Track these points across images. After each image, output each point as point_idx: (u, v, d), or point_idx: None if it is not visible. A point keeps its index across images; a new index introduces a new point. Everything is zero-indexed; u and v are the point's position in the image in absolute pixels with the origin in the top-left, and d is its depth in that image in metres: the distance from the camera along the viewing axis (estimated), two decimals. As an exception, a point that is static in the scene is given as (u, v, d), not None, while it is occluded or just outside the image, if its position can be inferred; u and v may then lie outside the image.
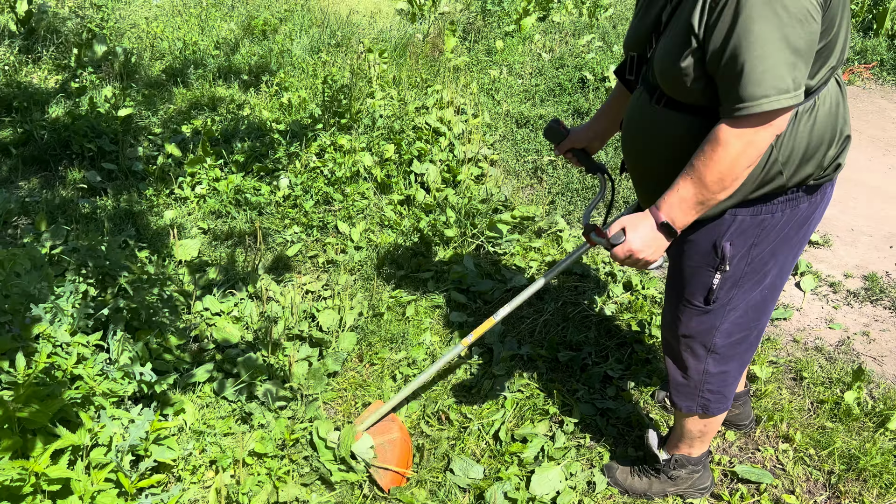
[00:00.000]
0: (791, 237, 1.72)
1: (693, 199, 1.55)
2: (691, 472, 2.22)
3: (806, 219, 1.71)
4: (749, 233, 1.68)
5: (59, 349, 1.86)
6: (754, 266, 1.74)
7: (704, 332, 1.86)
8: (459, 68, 5.46)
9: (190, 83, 5.16)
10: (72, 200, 3.77)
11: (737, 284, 1.76)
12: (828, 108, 1.57)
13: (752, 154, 1.47)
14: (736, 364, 1.94)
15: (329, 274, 3.38)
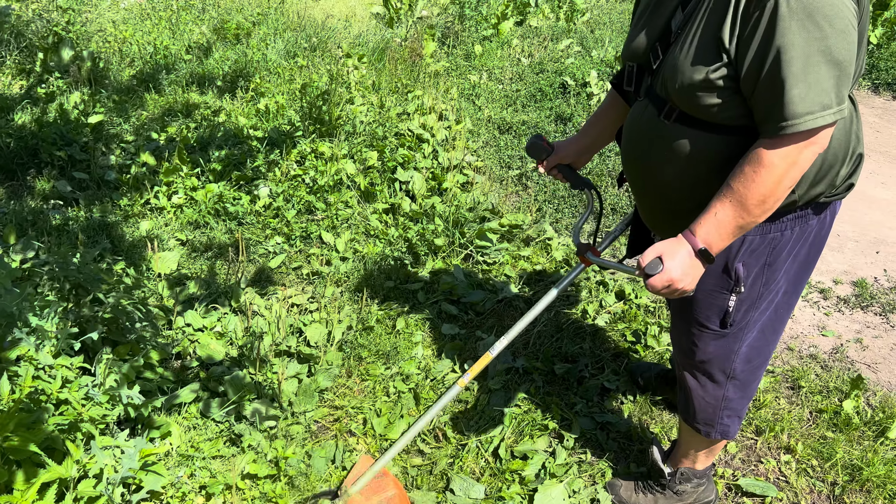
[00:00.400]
0: (800, 254, 1.68)
1: (733, 223, 1.47)
2: (696, 486, 2.18)
3: (816, 236, 1.68)
4: (760, 252, 1.64)
5: (41, 372, 1.74)
6: (769, 286, 1.69)
7: (723, 357, 1.81)
8: (439, 73, 5.40)
9: (162, 89, 5.01)
10: (41, 211, 3.61)
11: (753, 306, 1.72)
12: (842, 126, 1.52)
13: (795, 174, 1.40)
14: (754, 387, 1.91)
15: (314, 286, 3.28)
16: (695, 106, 1.48)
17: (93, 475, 1.68)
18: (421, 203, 3.75)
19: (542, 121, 4.74)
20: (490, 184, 4.07)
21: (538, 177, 4.18)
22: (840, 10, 1.30)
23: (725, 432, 1.95)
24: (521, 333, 2.90)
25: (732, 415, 1.92)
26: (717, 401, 1.89)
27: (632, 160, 1.74)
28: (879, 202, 3.98)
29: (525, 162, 4.32)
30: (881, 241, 3.61)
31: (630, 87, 1.73)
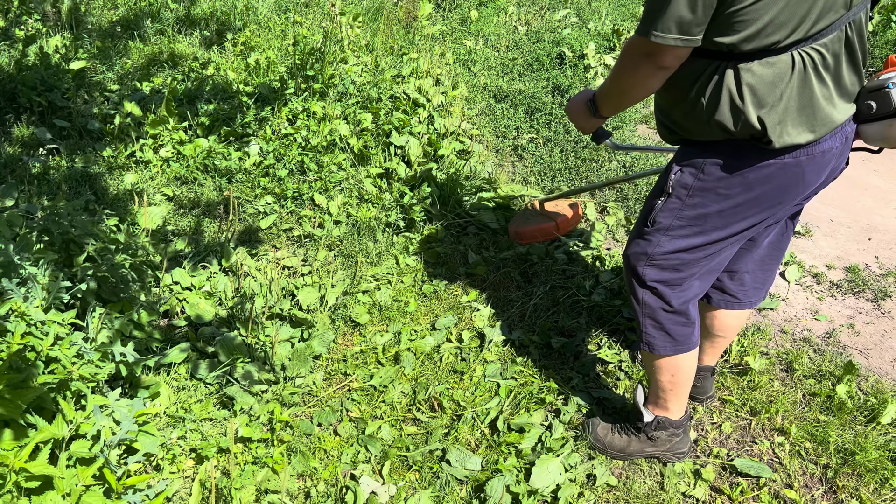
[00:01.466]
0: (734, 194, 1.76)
1: (606, 86, 1.83)
2: (671, 435, 2.25)
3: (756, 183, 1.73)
4: (696, 166, 1.78)
5: (33, 328, 1.65)
6: (694, 202, 1.81)
7: (640, 255, 1.95)
8: (434, 37, 5.27)
9: (146, 37, 4.82)
10: (20, 159, 3.46)
11: (673, 214, 1.85)
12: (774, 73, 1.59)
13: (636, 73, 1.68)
14: (675, 305, 1.99)
15: (306, 249, 3.20)
16: None
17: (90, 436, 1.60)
18: (416, 169, 3.66)
19: (538, 91, 4.66)
20: (486, 153, 3.99)
21: (534, 147, 4.11)
22: None
23: (650, 344, 2.07)
24: (516, 306, 2.86)
25: (656, 326, 2.03)
26: (639, 304, 2.03)
27: None
28: (872, 189, 3.99)
29: (521, 132, 4.25)
30: (873, 228, 3.62)
31: None
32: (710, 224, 1.84)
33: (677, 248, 1.90)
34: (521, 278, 3.08)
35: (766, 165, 1.71)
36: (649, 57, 1.61)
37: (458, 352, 2.69)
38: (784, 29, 1.53)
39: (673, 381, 2.14)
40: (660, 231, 1.89)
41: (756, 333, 2.85)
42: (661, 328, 2.03)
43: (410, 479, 2.21)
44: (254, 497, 1.98)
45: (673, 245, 1.89)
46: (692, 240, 1.88)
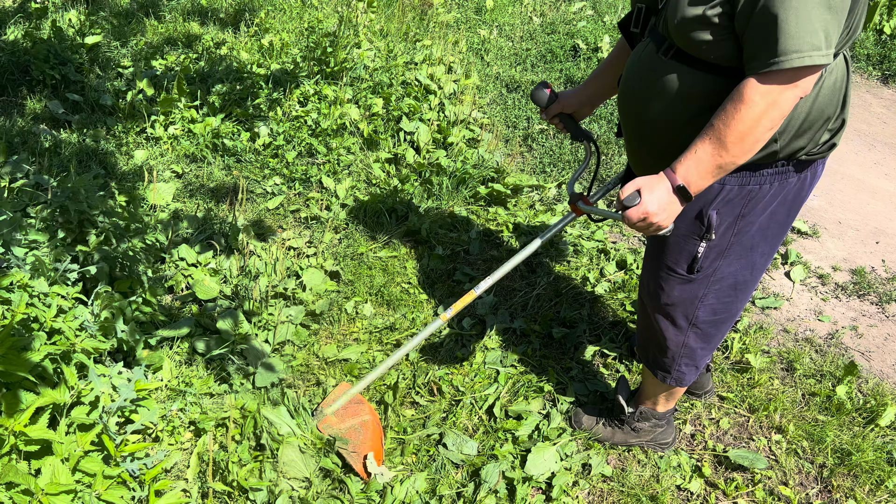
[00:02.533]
0: (778, 214, 1.69)
1: (711, 161, 1.47)
2: (654, 426, 2.27)
3: (795, 196, 1.68)
4: (736, 203, 1.65)
5: (36, 300, 1.67)
6: (741, 238, 1.70)
7: (687, 303, 1.84)
8: (449, 25, 5.26)
9: (162, 16, 4.83)
10: (32, 131, 3.48)
11: (722, 255, 1.73)
12: (832, 83, 1.51)
13: (775, 115, 1.40)
14: (716, 341, 1.95)
15: (312, 230, 3.21)
16: (690, 42, 1.49)
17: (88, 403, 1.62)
18: (425, 155, 3.67)
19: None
20: (496, 142, 3.99)
21: (544, 138, 4.11)
22: None
23: (680, 379, 2.01)
24: (519, 295, 2.88)
25: (690, 363, 1.97)
26: (677, 347, 1.94)
27: (626, 96, 1.74)
28: (882, 193, 3.97)
29: (531, 123, 4.24)
30: (881, 232, 3.61)
31: (637, 29, 1.74)
32: (757, 252, 1.75)
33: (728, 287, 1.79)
34: (525, 268, 3.09)
35: (804, 176, 1.65)
36: (794, 88, 1.37)
37: (460, 338, 2.70)
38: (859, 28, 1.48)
39: (671, 393, 2.17)
40: (708, 275, 1.77)
41: (758, 332, 2.85)
42: (693, 364, 1.99)
43: (407, 462, 2.22)
44: (250, 472, 2.00)
45: (723, 284, 1.79)
46: (746, 274, 1.78)
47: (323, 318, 2.71)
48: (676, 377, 2.02)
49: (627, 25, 1.80)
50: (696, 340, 1.92)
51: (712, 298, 1.81)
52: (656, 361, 2.04)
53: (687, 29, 1.46)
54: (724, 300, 1.82)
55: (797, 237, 3.52)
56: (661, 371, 2.04)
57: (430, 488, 2.13)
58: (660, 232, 1.57)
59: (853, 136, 4.54)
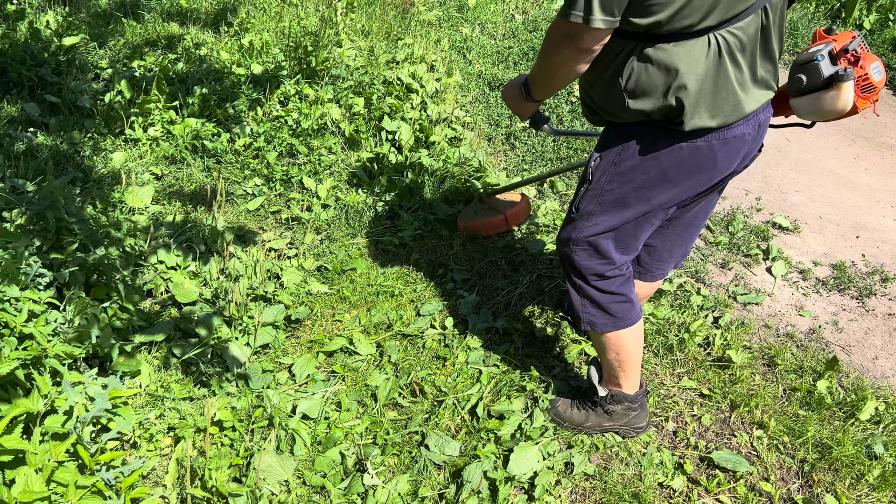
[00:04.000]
0: (650, 174, 1.80)
1: (534, 70, 1.84)
2: (627, 409, 2.29)
3: (671, 164, 1.77)
4: (613, 151, 1.83)
5: (7, 304, 1.64)
6: (612, 187, 1.86)
7: (567, 241, 2.02)
8: (431, 23, 5.24)
9: (142, 16, 4.78)
10: (8, 134, 3.43)
11: (595, 199, 1.91)
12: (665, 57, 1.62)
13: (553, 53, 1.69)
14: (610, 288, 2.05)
15: (293, 231, 3.19)
16: None
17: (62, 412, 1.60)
18: (407, 155, 3.65)
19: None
20: (479, 141, 3.98)
21: (526, 136, 4.10)
22: None
23: (591, 323, 2.11)
24: (502, 294, 2.86)
25: (593, 305, 2.08)
26: (574, 287, 2.10)
27: None
28: (862, 187, 4.00)
29: (514, 121, 4.23)
30: (861, 226, 3.63)
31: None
32: (629, 206, 1.89)
33: (599, 231, 1.95)
34: (507, 267, 3.08)
35: (679, 148, 1.75)
36: (570, 39, 1.61)
37: (442, 338, 2.69)
38: (698, 12, 1.56)
39: (619, 359, 2.19)
40: (583, 216, 1.95)
41: (740, 328, 2.86)
42: (598, 306, 2.09)
43: (388, 464, 2.21)
44: (229, 477, 1.98)
45: (595, 229, 1.95)
46: (612, 221, 1.94)
47: (302, 325, 2.69)
48: (588, 321, 2.11)
49: None
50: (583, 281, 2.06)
51: (585, 243, 1.98)
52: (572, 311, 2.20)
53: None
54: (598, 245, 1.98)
55: (778, 232, 3.53)
56: (577, 320, 2.14)
57: (412, 490, 2.13)
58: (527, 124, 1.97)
59: (833, 131, 4.57)
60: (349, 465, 2.15)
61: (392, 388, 2.44)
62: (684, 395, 2.56)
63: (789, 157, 4.21)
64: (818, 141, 4.43)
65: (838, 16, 6.03)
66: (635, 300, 2.11)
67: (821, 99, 1.76)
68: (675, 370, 2.65)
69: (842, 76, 1.70)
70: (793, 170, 4.09)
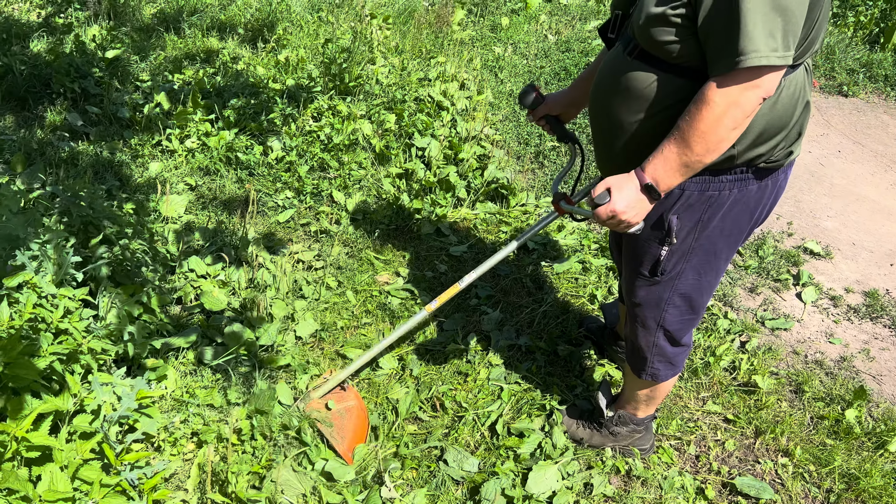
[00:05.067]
0: (740, 220, 1.72)
1: (677, 160, 1.51)
2: (632, 431, 2.28)
3: (756, 203, 1.71)
4: (696, 208, 1.69)
5: (44, 301, 1.70)
6: (702, 243, 1.75)
7: (653, 304, 1.90)
8: (464, 42, 5.30)
9: (182, 31, 4.92)
10: (50, 143, 3.55)
11: (684, 258, 1.78)
12: (792, 92, 1.55)
13: (737, 115, 1.43)
14: (686, 339, 2.00)
15: (321, 244, 3.24)
16: (652, 42, 1.53)
17: (90, 411, 1.64)
18: (436, 171, 3.69)
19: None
20: (507, 159, 4.00)
21: (555, 155, 4.11)
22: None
23: (655, 375, 2.06)
24: (526, 311, 2.87)
25: (663, 360, 2.03)
26: (648, 345, 2.00)
27: (594, 96, 1.79)
28: (898, 215, 3.92)
29: (543, 139, 4.25)
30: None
31: (612, 34, 1.79)
32: (720, 255, 1.79)
33: (692, 290, 1.84)
34: (532, 284, 3.08)
35: (765, 185, 1.69)
36: (755, 88, 1.41)
37: (464, 354, 2.69)
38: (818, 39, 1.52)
39: (651, 395, 2.19)
40: (672, 278, 1.82)
41: (767, 353, 2.82)
42: (667, 360, 2.03)
43: (407, 477, 2.22)
44: (248, 484, 2.01)
45: (688, 287, 1.84)
46: (707, 278, 1.82)
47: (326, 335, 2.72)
48: (651, 373, 2.06)
49: (606, 31, 1.85)
50: (663, 339, 1.97)
51: (678, 301, 1.87)
52: (633, 357, 2.09)
53: (649, 27, 1.51)
54: (689, 303, 1.88)
55: (809, 258, 3.48)
56: (638, 367, 2.09)
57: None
58: (630, 230, 1.62)
59: (869, 158, 4.50)
60: (368, 477, 2.16)
61: (413, 401, 2.45)
62: (708, 420, 2.53)
63: (823, 182, 4.16)
64: (853, 167, 4.37)
65: (877, 41, 5.95)
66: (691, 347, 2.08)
67: None
68: (699, 393, 2.62)
69: None
70: (826, 195, 4.03)
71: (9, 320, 1.55)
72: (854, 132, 4.79)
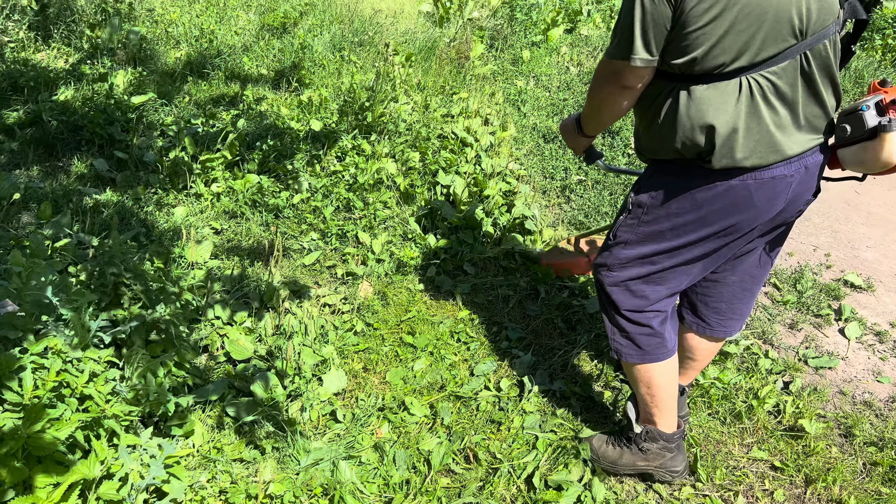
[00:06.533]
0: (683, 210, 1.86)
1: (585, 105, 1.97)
2: (663, 449, 2.25)
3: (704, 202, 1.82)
4: (652, 183, 1.92)
5: (69, 366, 1.66)
6: (650, 221, 1.94)
7: (601, 266, 2.10)
8: (486, 77, 5.28)
9: (207, 75, 4.96)
10: (77, 190, 3.56)
11: (632, 229, 1.99)
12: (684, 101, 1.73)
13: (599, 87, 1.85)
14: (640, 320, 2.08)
15: (348, 286, 3.19)
16: None
17: (118, 478, 1.59)
18: (461, 209, 3.64)
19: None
20: (533, 194, 3.95)
21: (582, 189, 4.05)
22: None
23: (619, 352, 2.16)
24: (559, 354, 2.78)
25: (622, 335, 2.13)
26: (606, 316, 2.17)
27: None
28: (940, 243, 3.79)
29: (569, 173, 4.19)
30: (942, 285, 3.43)
31: None
32: (663, 240, 1.95)
33: (631, 258, 2.02)
34: (564, 325, 3.00)
35: (713, 186, 1.80)
36: (614, 76, 1.76)
37: (497, 400, 2.61)
38: (727, 54, 1.65)
39: (650, 393, 2.18)
40: (619, 244, 2.04)
41: (812, 394, 2.70)
42: (626, 336, 2.12)
43: (441, 534, 2.13)
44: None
45: (628, 254, 2.02)
46: (645, 251, 1.99)
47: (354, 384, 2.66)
48: (615, 348, 2.16)
49: None
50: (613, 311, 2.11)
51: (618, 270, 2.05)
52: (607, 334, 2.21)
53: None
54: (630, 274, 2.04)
55: (850, 291, 3.36)
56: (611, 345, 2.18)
57: (465, 564, 2.04)
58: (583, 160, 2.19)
59: (906, 184, 4.38)
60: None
61: (446, 453, 2.37)
62: (755, 468, 2.41)
63: (860, 211, 4.04)
64: (890, 194, 4.25)
65: (906, 63, 5.84)
66: (668, 338, 2.13)
67: (866, 149, 1.74)
68: (743, 439, 2.51)
69: (885, 126, 1.68)
70: (864, 224, 3.92)
71: (32, 389, 1.52)
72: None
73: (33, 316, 1.73)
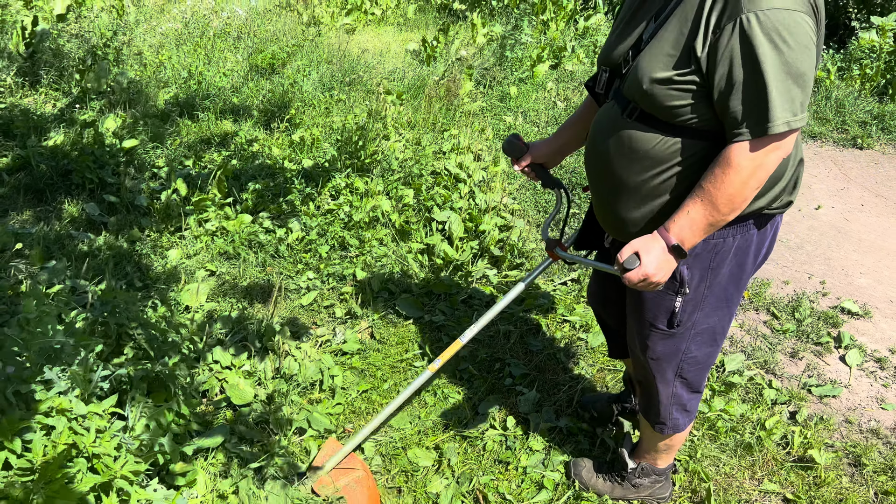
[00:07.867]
0: (744, 263, 1.78)
1: (703, 220, 1.57)
2: (654, 482, 2.28)
3: (758, 247, 1.78)
4: (703, 257, 1.74)
5: (74, 423, 1.61)
6: (714, 290, 1.79)
7: (671, 356, 1.91)
8: (475, 113, 5.33)
9: (197, 116, 4.96)
10: (69, 234, 3.52)
11: (698, 307, 1.82)
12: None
13: (761, 176, 1.51)
14: (702, 386, 2.03)
15: (346, 326, 3.15)
16: (657, 106, 1.58)
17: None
18: (457, 244, 3.63)
19: (578, 165, 4.64)
20: (528, 228, 3.95)
21: (575, 222, 4.06)
22: (802, 27, 1.41)
23: (676, 426, 2.07)
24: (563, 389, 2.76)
25: (681, 409, 2.04)
26: (667, 398, 2.01)
27: (592, 156, 1.82)
28: (931, 268, 3.83)
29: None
30: (937, 310, 3.45)
31: (601, 90, 1.83)
32: (732, 301, 1.85)
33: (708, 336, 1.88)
34: (567, 359, 2.98)
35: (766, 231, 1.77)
36: (778, 150, 1.49)
37: (503, 439, 2.57)
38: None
39: (670, 444, 2.18)
40: (688, 328, 1.85)
41: (819, 423, 2.69)
42: (684, 409, 2.05)
43: (454, 580, 2.08)
44: None
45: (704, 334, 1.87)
46: (724, 322, 1.87)
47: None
48: (672, 425, 2.07)
49: (594, 86, 1.88)
50: (682, 389, 1.99)
51: (695, 350, 1.90)
52: (650, 412, 2.08)
53: (655, 91, 1.55)
54: (706, 350, 1.91)
55: (848, 318, 3.38)
56: (658, 423, 2.08)
57: None
58: (657, 289, 1.68)
59: (894, 210, 4.44)
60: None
61: (454, 496, 2.32)
62: (766, 501, 2.39)
63: (850, 238, 4.08)
64: (878, 220, 4.30)
65: (885, 93, 5.97)
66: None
67: None
68: (754, 472, 2.49)
69: None
70: (855, 251, 3.95)
71: (42, 454, 1.47)
72: (874, 185, 4.74)
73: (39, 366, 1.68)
